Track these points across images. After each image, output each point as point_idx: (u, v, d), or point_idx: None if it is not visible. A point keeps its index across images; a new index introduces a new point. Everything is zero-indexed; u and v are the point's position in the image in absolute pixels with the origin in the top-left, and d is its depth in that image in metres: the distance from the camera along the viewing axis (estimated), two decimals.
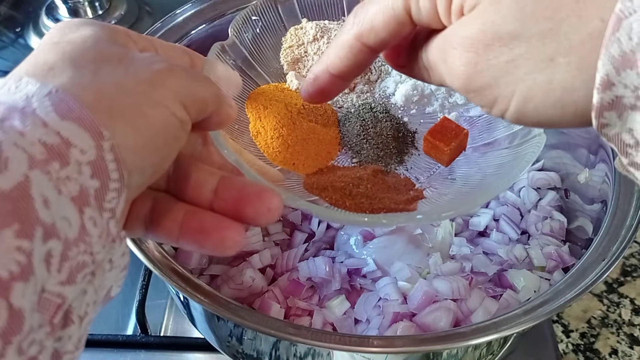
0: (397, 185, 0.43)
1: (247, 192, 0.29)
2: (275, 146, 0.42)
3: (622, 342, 0.69)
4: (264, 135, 0.43)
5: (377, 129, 0.46)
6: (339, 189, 0.40)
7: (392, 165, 0.46)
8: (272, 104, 0.43)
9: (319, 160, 0.44)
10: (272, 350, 0.50)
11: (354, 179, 0.41)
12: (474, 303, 0.54)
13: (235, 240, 0.29)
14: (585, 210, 0.60)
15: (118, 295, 0.77)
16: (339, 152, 0.46)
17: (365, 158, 0.45)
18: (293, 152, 0.42)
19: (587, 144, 0.61)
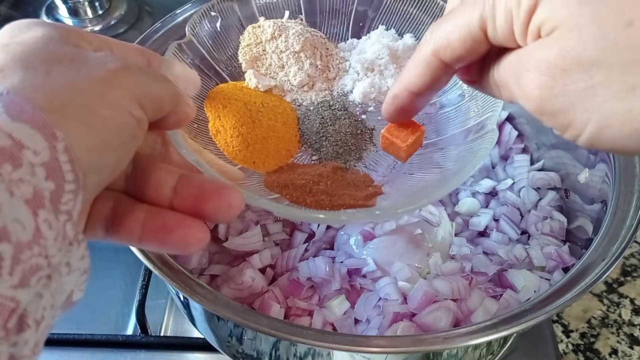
0: (356, 181, 0.43)
1: (207, 189, 0.29)
2: (235, 145, 0.42)
3: (622, 342, 0.69)
4: (223, 134, 0.42)
5: (336, 126, 0.46)
6: (299, 186, 0.41)
7: (351, 162, 0.46)
8: (231, 103, 0.43)
9: (279, 158, 0.44)
10: (272, 350, 0.50)
11: (314, 176, 0.42)
12: (474, 303, 0.54)
13: (198, 238, 0.29)
14: (585, 210, 0.60)
15: (118, 295, 0.77)
16: (299, 150, 0.46)
17: (325, 155, 0.46)
18: (253, 150, 0.42)
19: None
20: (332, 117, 0.47)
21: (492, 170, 0.70)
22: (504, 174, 0.70)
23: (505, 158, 0.71)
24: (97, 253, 0.77)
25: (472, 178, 0.69)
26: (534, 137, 0.70)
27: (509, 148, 0.71)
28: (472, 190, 0.68)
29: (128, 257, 0.73)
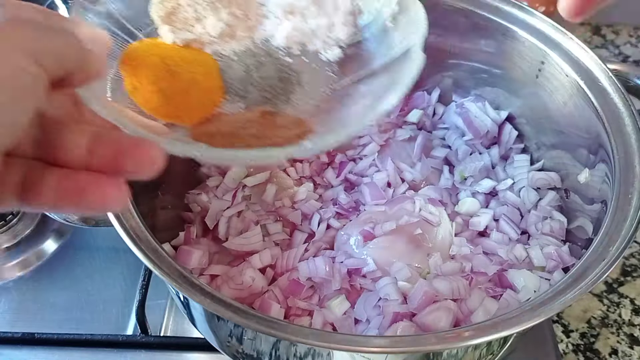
0: (287, 124, 0.43)
1: (125, 145, 0.28)
2: (155, 100, 0.41)
3: (622, 342, 0.69)
4: (141, 91, 0.41)
5: (261, 72, 0.46)
6: (227, 133, 0.40)
7: (281, 105, 0.45)
8: (146, 59, 0.42)
9: (203, 109, 0.43)
10: (272, 350, 0.50)
11: (241, 122, 0.41)
12: (474, 303, 0.54)
13: (117, 197, 0.28)
14: (585, 210, 0.60)
15: (118, 295, 0.77)
16: (224, 100, 0.45)
17: (252, 102, 0.45)
18: (175, 104, 0.41)
19: (587, 144, 0.61)
20: (256, 64, 0.46)
21: (492, 170, 0.70)
22: (504, 174, 0.70)
23: (505, 158, 0.71)
24: (97, 253, 0.78)
25: (472, 178, 0.69)
26: (533, 137, 0.70)
27: (509, 148, 0.71)
28: (472, 190, 0.68)
29: (128, 257, 0.74)
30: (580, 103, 0.59)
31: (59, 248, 0.76)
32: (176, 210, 0.66)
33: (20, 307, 0.71)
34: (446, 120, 0.75)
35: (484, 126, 0.70)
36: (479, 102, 0.72)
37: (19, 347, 0.64)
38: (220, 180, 0.67)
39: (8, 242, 0.74)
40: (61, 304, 0.71)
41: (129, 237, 0.46)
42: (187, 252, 0.57)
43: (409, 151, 0.71)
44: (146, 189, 0.59)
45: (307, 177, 0.71)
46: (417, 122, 0.75)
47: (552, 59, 0.62)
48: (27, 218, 0.76)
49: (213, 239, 0.62)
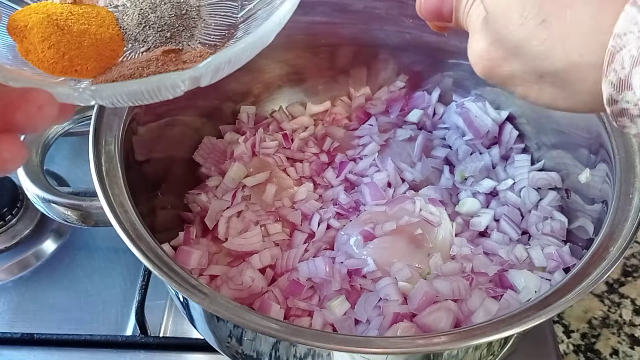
0: (194, 58, 0.42)
1: (11, 98, 0.27)
2: (49, 57, 0.40)
3: (622, 343, 0.69)
4: (34, 52, 0.41)
5: (157, 12, 0.45)
6: (128, 76, 0.39)
7: (184, 42, 0.45)
8: (32, 19, 0.41)
9: (103, 60, 0.43)
10: (272, 350, 0.50)
11: (143, 62, 0.41)
12: (474, 303, 0.54)
13: (14, 153, 0.27)
14: (586, 211, 0.60)
15: (117, 295, 0.77)
16: (125, 48, 0.45)
17: (153, 44, 0.44)
18: (70, 58, 0.41)
19: (587, 144, 0.60)
20: (151, 6, 0.46)
21: (493, 171, 0.70)
22: (505, 174, 0.70)
23: (505, 158, 0.71)
24: (96, 253, 0.78)
25: (473, 178, 0.69)
26: (534, 137, 0.70)
27: (509, 148, 0.71)
28: (473, 190, 0.68)
29: (127, 258, 0.73)
30: None
31: (58, 248, 0.76)
32: (176, 211, 0.66)
33: (19, 307, 0.70)
34: (446, 120, 0.75)
35: (484, 126, 0.70)
36: (480, 102, 0.72)
37: (18, 348, 0.64)
38: (220, 180, 0.66)
39: (7, 242, 0.74)
40: (60, 304, 0.70)
41: (129, 237, 0.46)
42: (187, 252, 0.57)
43: (409, 151, 0.71)
44: (146, 189, 0.59)
45: (307, 177, 0.71)
46: (418, 122, 0.75)
47: None
48: (27, 218, 0.76)
49: (213, 239, 0.62)
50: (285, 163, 0.70)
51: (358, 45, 0.75)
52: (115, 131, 0.54)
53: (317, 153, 0.73)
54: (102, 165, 0.51)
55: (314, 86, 0.79)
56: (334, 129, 0.75)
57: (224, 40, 0.45)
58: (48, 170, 0.82)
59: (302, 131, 0.75)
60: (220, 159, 0.70)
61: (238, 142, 0.70)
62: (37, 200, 0.54)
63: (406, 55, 0.75)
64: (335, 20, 0.73)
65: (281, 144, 0.72)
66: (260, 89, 0.77)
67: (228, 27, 0.46)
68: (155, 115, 0.63)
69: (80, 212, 0.54)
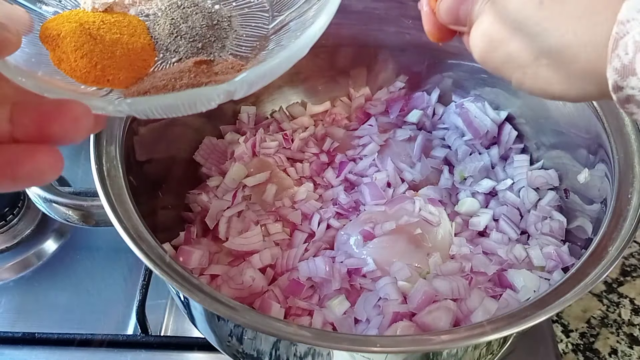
0: (225, 69, 0.42)
1: (47, 110, 0.27)
2: (82, 67, 0.40)
3: (621, 342, 0.69)
4: (67, 61, 0.40)
5: (189, 23, 0.45)
6: (161, 87, 0.39)
7: (215, 52, 0.45)
8: (65, 27, 0.41)
9: (135, 70, 0.42)
10: (272, 350, 0.50)
11: (175, 73, 0.40)
12: (473, 303, 0.54)
13: (51, 164, 0.27)
14: (585, 210, 0.60)
15: (118, 295, 0.77)
16: (157, 58, 0.44)
17: (185, 54, 0.44)
18: (103, 68, 0.40)
19: (586, 144, 0.61)
20: (183, 16, 0.45)
21: (492, 170, 0.71)
22: (504, 174, 0.70)
23: (505, 158, 0.72)
24: (97, 253, 0.78)
25: (472, 178, 0.69)
26: (533, 137, 0.70)
27: (508, 148, 0.71)
28: (472, 190, 0.68)
29: (128, 257, 0.74)
30: (580, 103, 0.59)
31: (59, 248, 0.76)
32: (176, 210, 0.67)
33: (20, 306, 0.71)
34: (446, 121, 0.75)
35: (483, 126, 0.70)
36: (479, 102, 0.72)
37: (19, 347, 0.64)
38: (220, 181, 0.67)
39: (8, 242, 0.74)
40: (61, 303, 0.71)
41: (130, 237, 0.46)
42: (188, 252, 0.57)
43: (409, 151, 0.71)
44: (147, 189, 0.59)
45: (307, 177, 0.71)
46: (417, 122, 0.75)
47: None
48: (28, 218, 0.76)
49: (213, 239, 0.62)
50: (285, 163, 0.70)
51: (358, 45, 0.75)
52: (117, 131, 0.54)
53: (317, 153, 0.73)
54: (103, 165, 0.52)
55: (314, 86, 0.79)
56: (334, 129, 0.75)
57: (255, 51, 0.45)
58: None
59: (302, 131, 0.75)
60: (220, 159, 0.70)
61: (238, 142, 0.70)
62: (39, 200, 0.55)
63: (406, 56, 0.75)
64: (335, 20, 0.72)
65: (281, 144, 0.72)
66: (260, 89, 0.77)
67: (259, 39, 0.46)
68: None
69: (82, 212, 0.54)
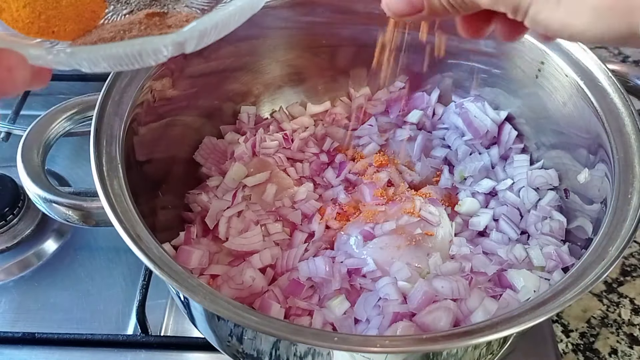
0: (179, 22, 0.39)
1: None
2: (25, 17, 0.38)
3: (621, 342, 0.69)
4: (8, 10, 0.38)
5: None
6: (108, 40, 0.37)
7: (169, 4, 0.43)
8: None
9: (83, 21, 0.40)
10: (272, 349, 0.50)
11: (124, 25, 0.38)
12: (473, 303, 0.54)
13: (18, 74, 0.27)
14: (585, 210, 0.60)
15: (118, 294, 0.77)
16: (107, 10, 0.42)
17: (137, 6, 0.42)
18: (47, 18, 0.38)
19: (586, 144, 0.61)
20: None
21: (492, 170, 0.71)
22: (504, 174, 0.70)
23: (505, 158, 0.72)
24: (97, 253, 0.78)
25: (472, 178, 0.69)
26: (533, 137, 0.70)
27: (508, 148, 0.71)
28: (472, 190, 0.68)
29: (128, 257, 0.74)
30: (580, 103, 0.59)
31: (59, 248, 0.76)
32: (176, 210, 0.67)
33: (20, 306, 0.71)
34: (446, 121, 0.75)
35: (483, 126, 0.70)
36: (479, 102, 0.72)
37: (19, 347, 0.64)
38: (220, 180, 0.67)
39: (8, 242, 0.74)
40: (61, 303, 0.71)
41: (130, 237, 0.46)
42: (187, 252, 0.57)
43: (409, 151, 0.71)
44: (146, 189, 0.59)
45: (307, 177, 0.71)
46: (417, 122, 0.75)
47: (551, 59, 0.62)
48: (28, 218, 0.76)
49: (213, 239, 0.62)
50: (285, 163, 0.70)
51: (358, 45, 0.75)
52: (116, 131, 0.54)
53: (317, 153, 0.73)
54: (103, 165, 0.52)
55: (314, 86, 0.79)
56: (334, 129, 0.75)
57: (212, 4, 0.43)
58: (49, 170, 0.82)
59: (302, 131, 0.75)
60: (220, 159, 0.71)
61: (238, 142, 0.70)
62: (39, 200, 0.55)
63: (406, 56, 0.75)
64: (335, 20, 0.73)
65: (281, 144, 0.72)
66: (260, 89, 0.77)
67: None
68: (156, 115, 0.63)
69: (81, 212, 0.54)
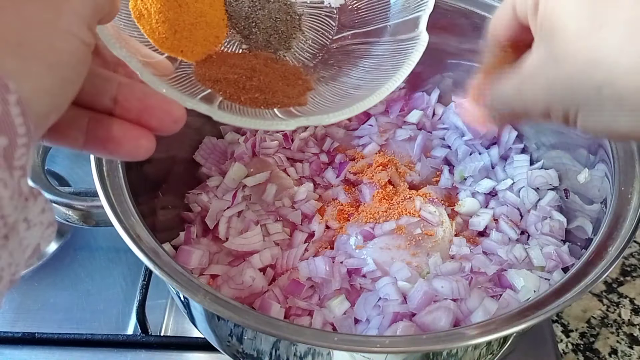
0: (287, 74, 0.42)
1: (151, 104, 0.30)
2: (162, 32, 0.39)
3: (621, 342, 0.69)
4: (147, 19, 0.40)
5: (266, 10, 0.44)
6: (232, 81, 0.39)
7: (281, 51, 0.45)
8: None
9: (207, 45, 0.42)
10: (272, 349, 0.50)
11: (246, 70, 0.40)
12: (473, 303, 0.54)
13: (148, 148, 0.30)
14: (585, 210, 0.60)
15: (118, 294, 0.77)
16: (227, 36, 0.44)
17: (255, 43, 0.44)
18: (181, 38, 0.40)
19: (586, 144, 0.61)
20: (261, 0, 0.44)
21: (492, 171, 0.71)
22: (504, 174, 0.70)
23: (505, 158, 0.72)
24: (97, 253, 0.78)
25: (472, 178, 0.69)
26: (533, 137, 0.70)
27: (508, 148, 0.71)
28: (472, 190, 0.68)
29: (128, 257, 0.74)
30: None
31: (60, 248, 0.76)
32: (176, 210, 0.67)
33: (20, 306, 0.71)
34: (446, 121, 0.75)
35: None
36: None
37: (19, 347, 0.64)
38: (220, 180, 0.67)
39: None
40: (61, 303, 0.71)
41: (130, 237, 0.47)
42: (187, 252, 0.57)
43: (409, 151, 0.71)
44: (146, 189, 0.59)
45: (307, 177, 0.71)
46: (417, 122, 0.75)
47: None
48: None
49: (213, 239, 0.62)
50: (285, 163, 0.70)
51: None
52: None
53: (317, 153, 0.73)
54: (103, 165, 0.52)
55: None
56: (334, 129, 0.75)
57: (314, 61, 0.45)
58: (49, 170, 0.82)
59: (302, 131, 0.75)
60: (220, 159, 0.71)
61: (238, 142, 0.70)
62: None
63: None
64: None
65: (281, 144, 0.72)
66: None
67: (320, 47, 0.45)
68: None
69: (81, 212, 0.54)
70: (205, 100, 0.36)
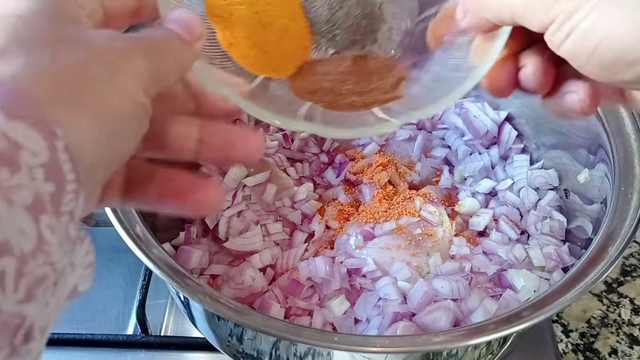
0: (379, 68, 0.42)
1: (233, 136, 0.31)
2: (252, 56, 0.39)
3: (621, 342, 0.69)
4: (237, 47, 0.40)
5: (345, 9, 0.44)
6: (328, 90, 0.39)
7: (368, 46, 0.44)
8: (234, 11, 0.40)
9: (297, 58, 0.42)
10: (272, 349, 0.50)
11: (338, 75, 0.41)
12: (473, 303, 0.54)
13: (216, 201, 0.30)
14: (585, 210, 0.60)
15: (118, 294, 0.76)
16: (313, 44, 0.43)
17: (341, 45, 0.43)
18: (270, 57, 0.40)
19: (586, 144, 0.61)
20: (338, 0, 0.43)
21: (492, 170, 0.71)
22: (504, 174, 0.70)
23: (504, 158, 0.72)
24: (97, 253, 0.78)
25: (472, 178, 0.69)
26: (533, 137, 0.70)
27: (508, 148, 0.71)
28: (472, 190, 0.68)
29: (128, 257, 0.74)
30: None
31: None
32: None
33: None
34: (445, 121, 0.75)
35: (483, 126, 0.70)
36: (479, 102, 0.72)
37: None
38: (220, 181, 0.67)
39: None
40: None
41: (130, 237, 0.47)
42: (187, 252, 0.57)
43: (409, 151, 0.72)
44: None
45: (307, 177, 0.71)
46: (417, 122, 0.75)
47: None
48: None
49: (213, 239, 0.62)
50: (285, 163, 0.70)
51: None
52: None
53: (317, 153, 0.73)
54: None
55: None
56: None
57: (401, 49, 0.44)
58: None
59: (302, 131, 0.75)
60: None
61: None
62: None
63: None
64: None
65: (281, 144, 0.72)
66: None
67: (404, 33, 0.44)
68: None
69: None
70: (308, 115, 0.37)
